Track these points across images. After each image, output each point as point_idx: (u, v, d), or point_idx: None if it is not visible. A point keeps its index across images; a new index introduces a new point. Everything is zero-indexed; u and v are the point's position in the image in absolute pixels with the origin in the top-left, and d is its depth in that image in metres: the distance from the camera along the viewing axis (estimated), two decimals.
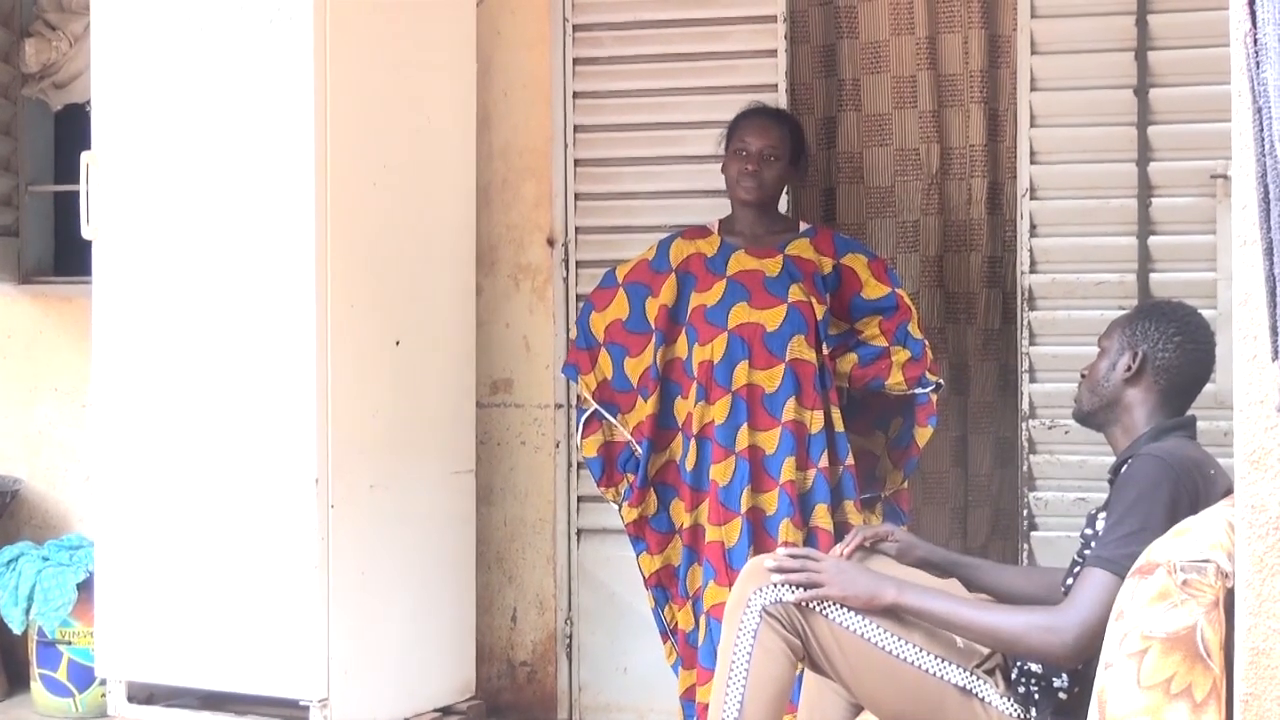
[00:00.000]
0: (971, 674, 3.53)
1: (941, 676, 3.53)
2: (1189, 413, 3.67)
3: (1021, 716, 3.51)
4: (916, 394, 4.70)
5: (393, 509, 4.97)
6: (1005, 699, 3.52)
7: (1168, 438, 3.56)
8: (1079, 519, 4.96)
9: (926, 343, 4.72)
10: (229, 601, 4.82)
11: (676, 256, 4.83)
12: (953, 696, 3.53)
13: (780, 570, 3.55)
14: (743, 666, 3.52)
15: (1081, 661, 3.32)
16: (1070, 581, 3.51)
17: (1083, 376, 3.77)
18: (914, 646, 3.53)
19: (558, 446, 5.62)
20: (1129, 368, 3.62)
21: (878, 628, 3.53)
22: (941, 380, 4.76)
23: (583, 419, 4.91)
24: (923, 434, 4.72)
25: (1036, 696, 3.49)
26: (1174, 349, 3.62)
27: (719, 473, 4.64)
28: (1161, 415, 3.61)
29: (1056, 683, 3.46)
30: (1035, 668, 3.51)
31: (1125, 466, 3.49)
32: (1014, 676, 3.54)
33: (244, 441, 4.80)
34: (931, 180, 5.59)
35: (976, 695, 3.53)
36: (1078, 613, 3.31)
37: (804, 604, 3.53)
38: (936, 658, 3.53)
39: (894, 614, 3.59)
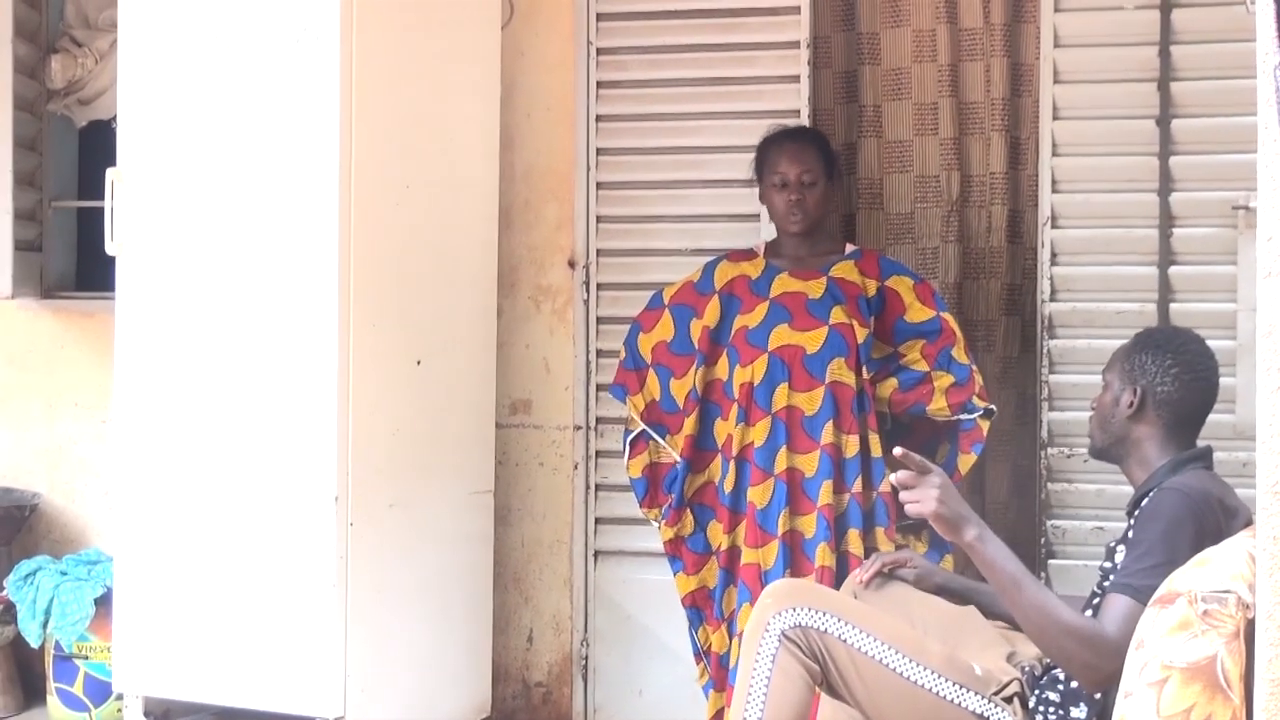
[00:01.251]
0: (989, 701, 3.53)
1: (959, 703, 3.53)
2: (1204, 443, 3.68)
3: None
4: (961, 420, 4.70)
5: (411, 528, 4.98)
6: None
7: (1185, 470, 3.56)
8: (1097, 547, 5.01)
9: (974, 368, 4.71)
10: (247, 618, 4.82)
11: (721, 279, 4.84)
12: None
13: (902, 485, 3.56)
14: (761, 690, 3.52)
15: (1108, 683, 3.33)
16: (1090, 613, 3.51)
17: (1093, 409, 3.78)
18: (932, 673, 3.53)
19: (576, 468, 5.63)
20: (1130, 404, 3.63)
21: (896, 653, 3.54)
22: (993, 406, 4.74)
23: (629, 439, 4.93)
24: (965, 461, 4.70)
25: None
26: (1172, 381, 3.63)
27: (757, 495, 4.64)
28: (1173, 447, 3.62)
29: (1075, 713, 3.46)
30: (1054, 696, 3.51)
31: (1146, 500, 3.50)
32: (1032, 704, 3.54)
33: (264, 459, 4.80)
34: (951, 207, 5.59)
35: None
36: (1108, 641, 3.31)
37: (822, 629, 3.53)
38: (955, 685, 3.53)
39: (914, 639, 3.59)
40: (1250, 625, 2.87)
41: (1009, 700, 3.56)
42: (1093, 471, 5.08)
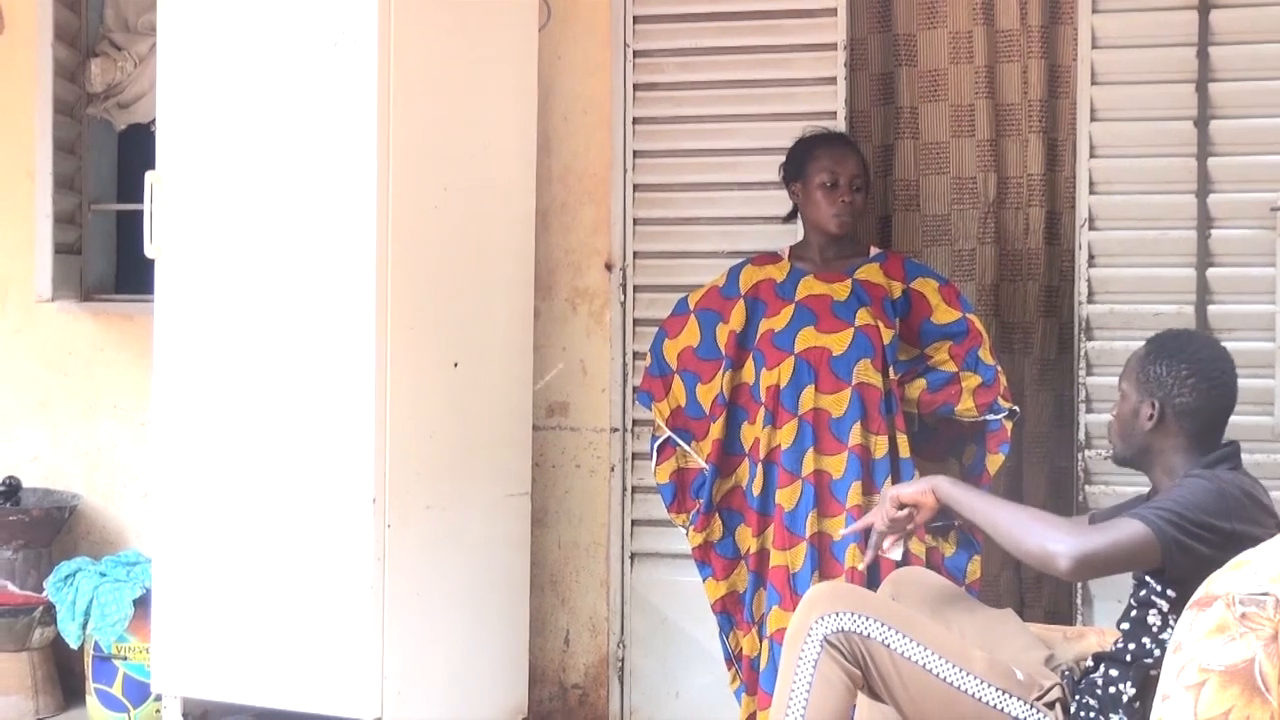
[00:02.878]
0: (1031, 707, 3.53)
1: (1001, 709, 3.52)
2: (1230, 440, 3.66)
3: None
4: (988, 420, 4.69)
5: (448, 530, 4.99)
6: None
7: (1214, 469, 3.56)
8: None
9: (999, 369, 4.71)
10: (285, 619, 4.84)
11: (746, 283, 4.85)
12: None
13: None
14: (802, 696, 3.52)
15: (1070, 578, 3.37)
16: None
17: (1113, 416, 3.77)
18: (974, 678, 3.53)
19: (613, 470, 5.64)
20: (1150, 417, 3.61)
21: (939, 658, 3.53)
22: (1016, 408, 4.74)
23: (656, 445, 4.93)
24: (994, 461, 4.70)
25: None
26: (1189, 391, 3.60)
27: (785, 497, 4.65)
28: (1198, 451, 3.60)
29: (1114, 719, 3.46)
30: (1093, 702, 3.51)
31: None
32: (1073, 710, 3.53)
33: (302, 461, 4.82)
34: (988, 209, 5.58)
35: None
36: (1092, 537, 3.34)
37: (865, 634, 3.54)
38: (997, 690, 3.53)
39: (956, 644, 3.59)
40: None
41: (1050, 706, 3.55)
42: (1130, 474, 5.00)
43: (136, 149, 6.05)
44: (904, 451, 4.68)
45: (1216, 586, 3.00)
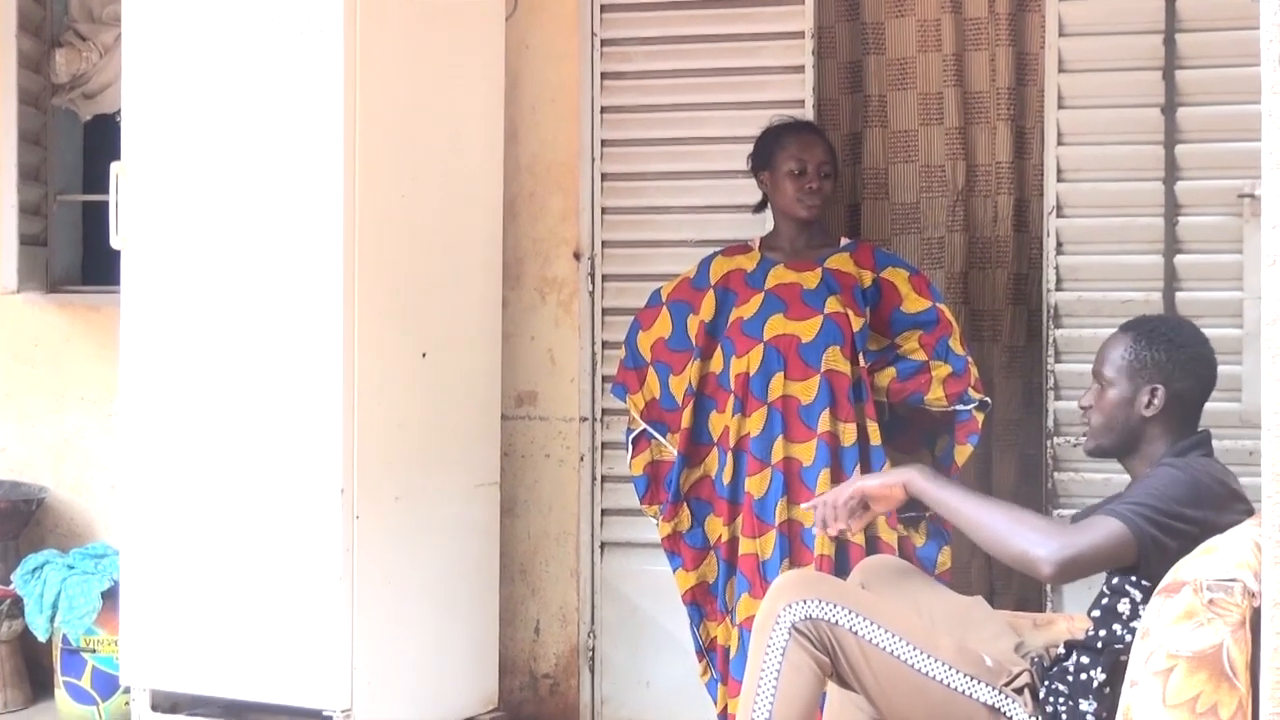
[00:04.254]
0: (1000, 692, 3.53)
1: (970, 695, 3.53)
2: (1203, 428, 3.67)
3: None
4: (958, 411, 4.70)
5: (417, 520, 4.98)
6: (1034, 718, 3.52)
7: (1185, 456, 3.57)
8: None
9: (970, 359, 4.72)
10: (253, 611, 4.83)
11: (716, 273, 4.85)
12: (981, 715, 3.53)
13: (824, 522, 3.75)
14: (770, 683, 3.52)
15: (1052, 582, 3.37)
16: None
17: (1083, 409, 3.75)
18: (943, 664, 3.53)
19: (582, 460, 5.63)
20: (1148, 404, 3.60)
21: (907, 645, 3.54)
22: (987, 399, 4.74)
23: (631, 438, 4.94)
24: (962, 452, 4.71)
25: (1064, 717, 3.49)
26: (1190, 375, 3.62)
27: (754, 485, 4.65)
28: (1178, 437, 3.61)
29: (1083, 705, 3.46)
30: (1063, 688, 3.51)
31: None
32: (1042, 695, 3.54)
33: (270, 452, 4.81)
34: (957, 197, 5.58)
35: (1005, 714, 3.53)
36: (1073, 537, 3.35)
37: (833, 621, 3.54)
38: (966, 676, 3.53)
39: (924, 630, 3.59)
40: (1256, 614, 2.87)
41: (1019, 691, 3.56)
42: (1099, 461, 5.05)
43: (102, 139, 6.03)
44: (874, 439, 4.68)
45: (1184, 572, 3.01)
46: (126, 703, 5.23)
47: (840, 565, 4.54)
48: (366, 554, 4.77)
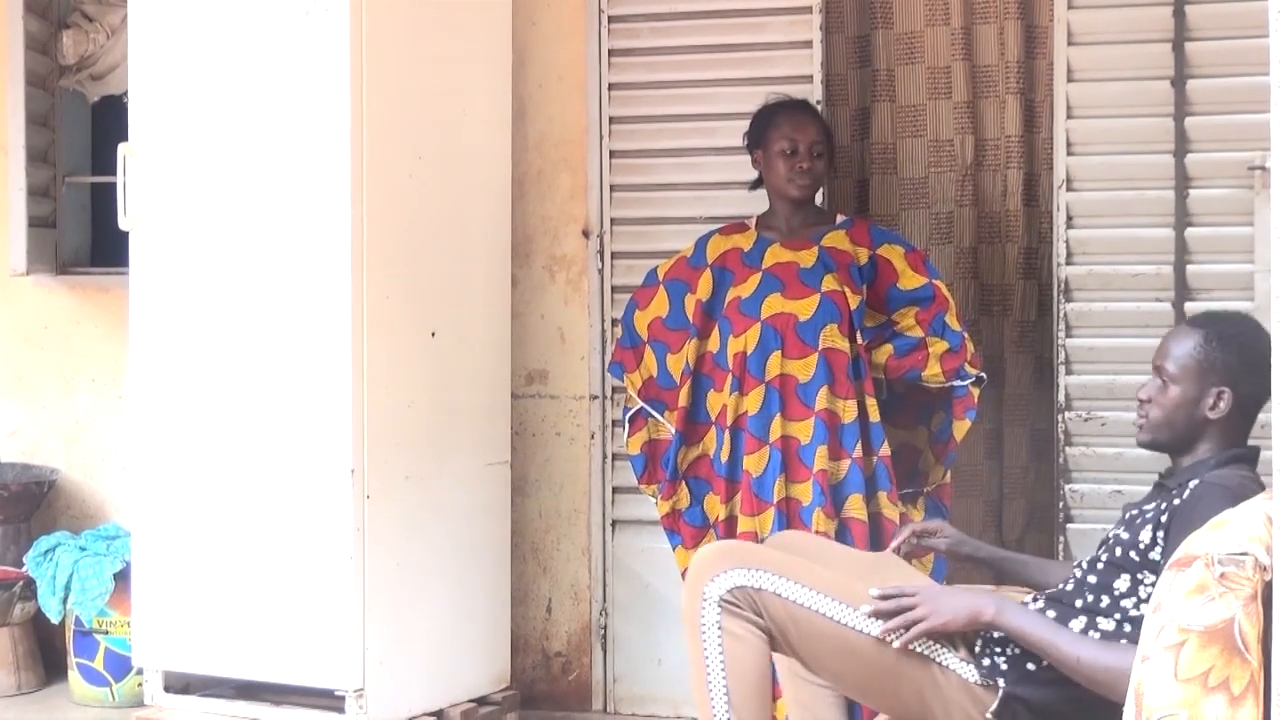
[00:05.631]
0: (927, 639, 3.50)
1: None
2: (1253, 443, 3.58)
3: (983, 681, 3.48)
4: (955, 387, 4.69)
5: (428, 500, 4.98)
6: (965, 663, 3.49)
7: (1231, 467, 3.49)
8: (1115, 511, 4.95)
9: (966, 334, 4.71)
10: (265, 592, 4.84)
11: (713, 252, 4.84)
12: (908, 662, 3.50)
13: (878, 615, 3.48)
14: (718, 662, 3.48)
15: None
16: (1082, 568, 3.50)
17: (1141, 402, 3.64)
18: (867, 616, 3.50)
19: (593, 438, 5.63)
20: (1214, 406, 3.51)
21: (830, 600, 3.50)
22: (983, 374, 4.73)
23: (628, 416, 4.94)
24: (960, 427, 4.71)
25: (1004, 667, 3.47)
26: (1257, 380, 3.36)
27: (753, 463, 4.65)
28: (1231, 442, 3.52)
29: (1029, 663, 3.46)
30: (999, 635, 3.49)
31: (1189, 492, 3.42)
32: (978, 648, 3.51)
33: (280, 432, 4.81)
34: (966, 171, 5.57)
35: (934, 660, 3.50)
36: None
37: (756, 587, 3.49)
38: None
39: (846, 584, 3.56)
40: (1268, 587, 2.86)
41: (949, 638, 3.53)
42: (1111, 435, 5.07)
43: (110, 120, 6.02)
44: (874, 416, 4.68)
45: (1196, 546, 3.00)
46: (139, 684, 5.25)
47: (841, 542, 4.54)
48: (377, 534, 4.77)
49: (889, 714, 3.68)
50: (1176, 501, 3.42)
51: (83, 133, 6.35)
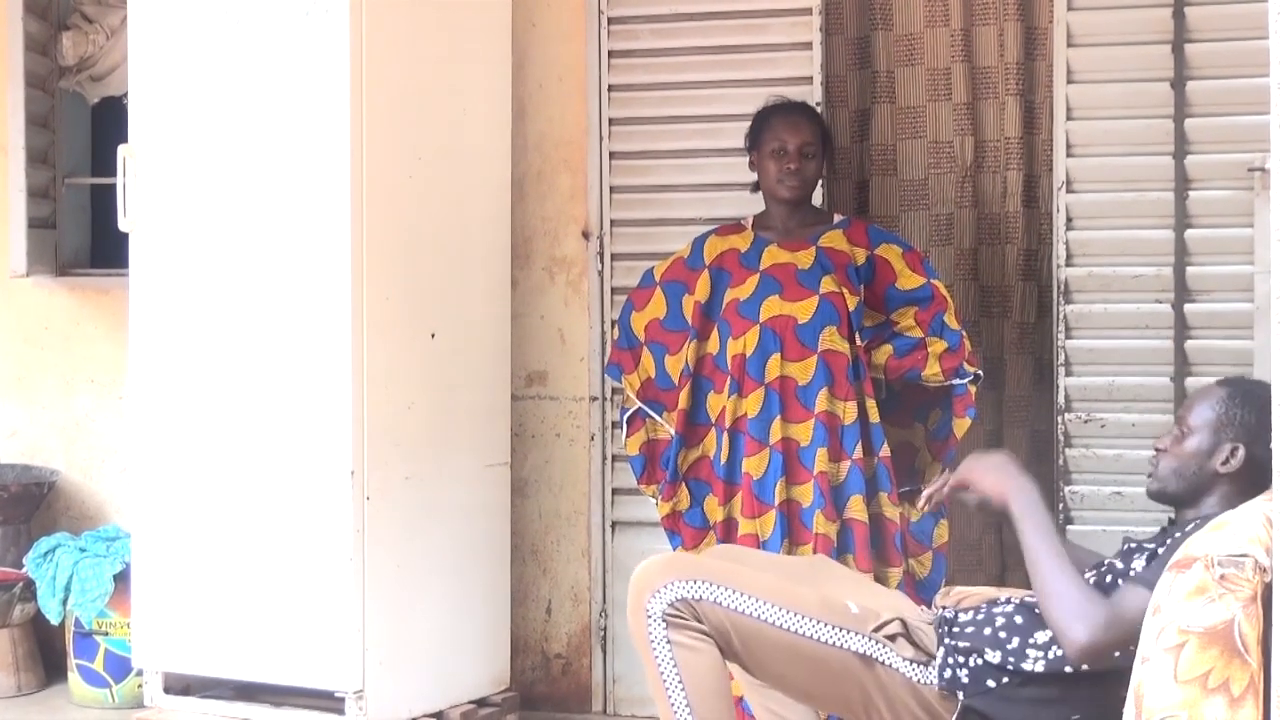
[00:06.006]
0: (870, 639, 3.50)
1: (840, 645, 3.49)
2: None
3: (942, 691, 3.47)
4: (954, 385, 4.70)
5: (428, 501, 4.98)
6: (909, 664, 3.49)
7: None
8: (1115, 512, 5.01)
9: (964, 333, 4.72)
10: (265, 593, 4.84)
11: (710, 253, 4.84)
12: (854, 664, 3.50)
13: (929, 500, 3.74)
14: (673, 675, 3.47)
15: (1082, 661, 3.31)
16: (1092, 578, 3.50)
17: (1156, 450, 3.63)
18: (809, 620, 3.49)
19: (592, 439, 5.63)
20: (1226, 461, 3.51)
21: (771, 606, 3.49)
22: (980, 371, 4.74)
23: (625, 417, 4.94)
24: (961, 425, 4.72)
25: (965, 680, 3.47)
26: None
27: (752, 466, 4.65)
28: (1241, 498, 3.51)
29: (990, 656, 3.45)
30: (965, 645, 3.48)
31: (1193, 523, 3.40)
32: (941, 657, 3.50)
33: (280, 433, 4.81)
34: (966, 173, 5.57)
35: (879, 660, 3.50)
36: (1109, 615, 3.29)
37: (697, 598, 3.49)
38: (833, 628, 3.50)
39: (786, 589, 3.56)
40: (1267, 589, 2.86)
41: (892, 638, 3.52)
42: (1110, 437, 5.08)
43: (110, 122, 6.03)
44: (874, 417, 4.69)
45: (1195, 548, 3.00)
46: (139, 685, 5.25)
47: (842, 545, 4.56)
48: (377, 535, 4.77)
49: (836, 713, 3.70)
50: (1174, 537, 3.41)
51: (82, 134, 6.35)
